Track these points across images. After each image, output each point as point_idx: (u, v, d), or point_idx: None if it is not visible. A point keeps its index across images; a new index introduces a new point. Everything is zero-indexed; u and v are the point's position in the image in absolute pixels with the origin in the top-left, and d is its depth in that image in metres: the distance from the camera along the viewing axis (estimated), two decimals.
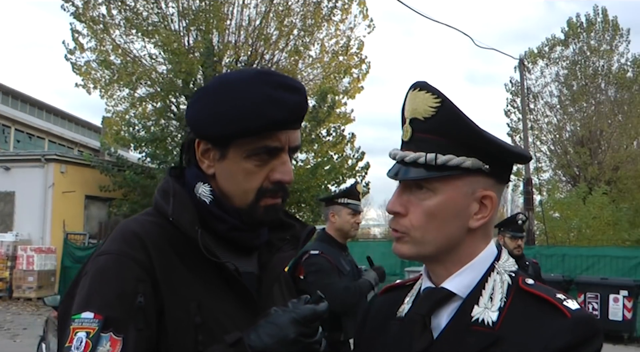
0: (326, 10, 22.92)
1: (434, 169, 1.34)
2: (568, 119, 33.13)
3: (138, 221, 1.59)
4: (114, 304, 1.41)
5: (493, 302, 1.35)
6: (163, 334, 1.46)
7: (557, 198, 26.97)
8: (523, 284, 1.38)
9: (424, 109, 1.35)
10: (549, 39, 33.33)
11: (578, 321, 1.28)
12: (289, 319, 1.46)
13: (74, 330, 1.39)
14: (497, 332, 1.30)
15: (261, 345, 1.42)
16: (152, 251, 1.49)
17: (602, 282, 14.14)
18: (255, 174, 1.56)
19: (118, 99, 23.46)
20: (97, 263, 1.49)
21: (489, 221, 1.40)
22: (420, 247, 1.39)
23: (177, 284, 1.49)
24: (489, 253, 1.42)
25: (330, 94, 21.49)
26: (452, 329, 1.36)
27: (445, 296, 1.39)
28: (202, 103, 1.56)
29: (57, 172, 21.75)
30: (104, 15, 22.30)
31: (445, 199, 1.36)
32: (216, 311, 1.52)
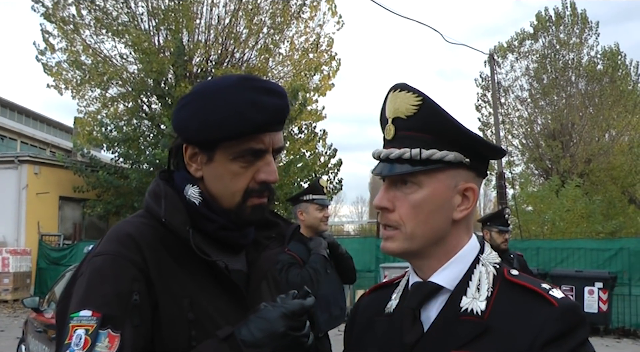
0: (295, 8, 22.96)
1: (418, 163, 1.40)
2: (539, 113, 33.26)
3: (131, 222, 1.66)
4: (112, 302, 1.47)
5: (480, 293, 1.40)
6: (157, 330, 1.52)
7: (530, 192, 27.03)
8: (508, 275, 1.43)
9: (406, 108, 1.41)
10: (518, 33, 33.44)
11: (565, 309, 1.33)
12: (278, 314, 1.52)
13: (73, 327, 1.44)
14: (486, 321, 1.35)
15: (252, 339, 1.49)
16: (145, 251, 1.55)
17: (577, 274, 14.22)
18: (241, 176, 1.63)
19: (90, 99, 23.38)
20: (94, 264, 1.55)
21: (471, 213, 1.47)
22: (409, 242, 1.44)
23: (170, 282, 1.56)
24: (473, 246, 1.48)
25: (302, 92, 21.47)
26: (442, 320, 1.40)
27: (434, 289, 1.43)
28: (188, 109, 1.63)
29: (31, 173, 21.67)
30: (74, 16, 22.20)
31: (430, 192, 1.41)
32: (208, 307, 1.59)
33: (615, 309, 14.29)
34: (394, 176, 1.44)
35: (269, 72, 23.19)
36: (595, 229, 24.11)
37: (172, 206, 1.63)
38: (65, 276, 8.92)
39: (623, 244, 15.55)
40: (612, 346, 12.95)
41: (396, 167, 1.42)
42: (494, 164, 24.45)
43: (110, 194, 21.50)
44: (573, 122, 31.95)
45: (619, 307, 14.43)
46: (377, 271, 16.04)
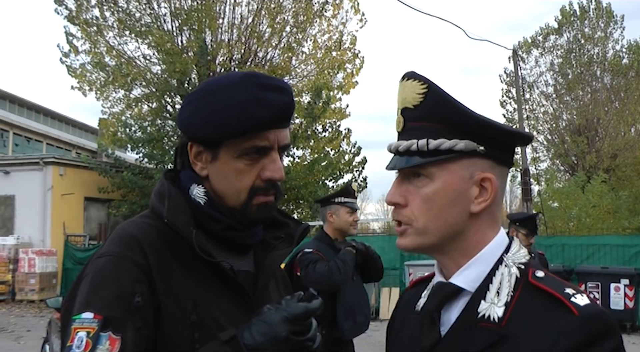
0: (318, 6, 22.96)
1: (427, 154, 1.33)
2: (564, 108, 32.96)
3: (135, 223, 1.64)
4: (113, 305, 1.46)
5: (500, 297, 1.32)
6: (160, 332, 1.50)
7: (556, 188, 26.84)
8: (532, 277, 1.34)
9: (413, 97, 1.36)
10: (542, 28, 33.21)
11: (587, 318, 1.23)
12: (280, 318, 1.48)
13: (75, 330, 1.44)
14: (503, 329, 1.28)
15: (254, 343, 1.46)
16: (149, 252, 1.54)
17: (603, 271, 14.01)
18: (246, 173, 1.61)
19: (114, 100, 23.56)
20: (97, 265, 1.54)
21: (492, 204, 1.37)
22: (422, 237, 1.37)
23: (174, 283, 1.54)
24: (498, 244, 1.39)
25: (325, 90, 21.48)
26: (459, 325, 1.34)
27: (453, 291, 1.37)
28: (192, 107, 1.62)
29: (56, 174, 21.83)
30: (97, 18, 22.37)
31: (443, 184, 1.34)
32: (212, 309, 1.57)
33: None
34: (404, 169, 1.38)
35: (292, 71, 23.24)
36: (621, 225, 23.82)
37: (176, 206, 1.61)
38: None
39: None
40: (639, 344, 12.71)
41: (406, 160, 1.36)
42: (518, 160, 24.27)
43: (135, 195, 21.62)
44: (598, 117, 31.66)
45: None
46: (402, 268, 16.00)
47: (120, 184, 21.49)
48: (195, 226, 1.59)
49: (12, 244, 20.55)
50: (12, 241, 20.76)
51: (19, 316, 17.14)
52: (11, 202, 22.00)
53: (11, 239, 20.84)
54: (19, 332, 14.22)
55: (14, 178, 21.98)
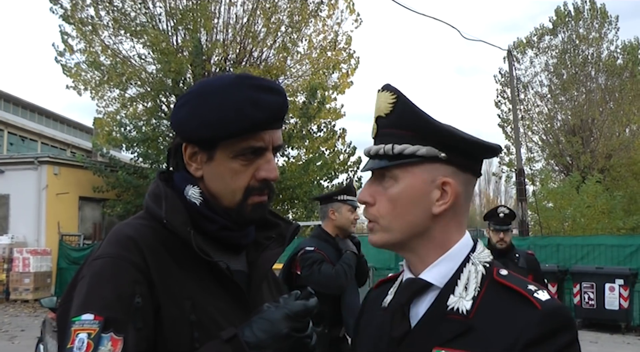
0: (313, 6, 22.95)
1: (393, 158, 1.45)
2: (559, 108, 33.09)
3: (131, 224, 1.65)
4: (114, 306, 1.46)
5: (467, 292, 1.41)
6: (160, 332, 1.51)
7: (550, 188, 26.91)
8: (497, 275, 1.44)
9: (385, 106, 1.47)
10: (537, 29, 33.27)
11: (548, 312, 1.33)
12: (282, 315, 1.52)
13: (75, 331, 1.44)
14: (470, 321, 1.37)
15: (255, 340, 1.49)
16: (146, 253, 1.55)
17: (598, 271, 14.07)
18: (242, 173, 1.63)
19: (109, 99, 23.54)
20: (95, 266, 1.54)
21: (455, 207, 1.47)
22: (388, 234, 1.47)
23: (172, 284, 1.55)
24: (464, 244, 1.49)
25: (320, 90, 21.48)
26: (428, 317, 1.43)
27: (423, 286, 1.46)
28: (187, 108, 1.63)
29: (51, 174, 21.79)
30: (92, 17, 22.31)
31: (406, 185, 1.45)
32: (210, 308, 1.59)
33: (636, 306, 14.12)
34: (375, 171, 1.50)
35: (287, 71, 23.25)
36: (616, 225, 23.91)
37: (173, 207, 1.62)
38: None
39: None
40: (634, 344, 12.82)
41: (375, 163, 1.48)
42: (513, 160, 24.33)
43: (130, 194, 21.60)
44: (593, 117, 31.75)
45: None
46: (396, 268, 16.04)
47: (115, 184, 21.47)
48: (192, 227, 1.60)
49: (7, 244, 20.50)
50: (7, 240, 20.71)
51: (13, 316, 17.12)
52: (5, 202, 21.94)
53: (5, 239, 20.79)
54: (13, 332, 14.20)
55: (9, 177, 21.93)
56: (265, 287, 1.81)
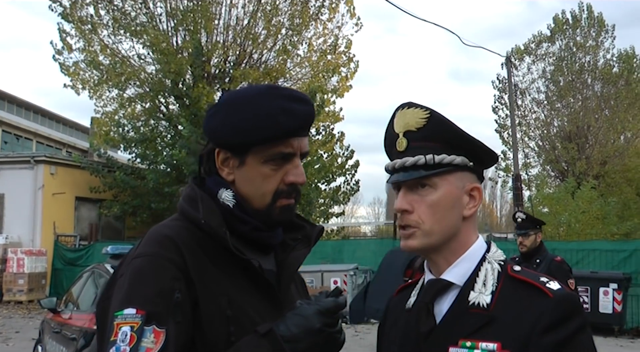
0: (314, 9, 23.04)
1: (431, 168, 1.57)
2: (555, 115, 33.39)
3: (168, 225, 1.73)
4: (155, 301, 1.53)
5: (486, 287, 1.55)
6: (198, 326, 1.59)
7: (546, 193, 27.09)
8: (511, 271, 1.58)
9: (416, 122, 1.59)
10: (535, 36, 33.66)
11: (559, 299, 1.48)
12: (314, 311, 1.60)
13: (118, 325, 1.50)
14: (491, 313, 1.51)
15: (290, 335, 1.55)
16: (184, 251, 1.62)
17: (592, 275, 14.27)
18: (271, 178, 1.71)
19: (107, 99, 23.53)
20: (134, 265, 1.61)
21: (475, 213, 1.64)
22: (428, 238, 1.59)
23: (208, 281, 1.63)
24: (480, 245, 1.64)
25: (319, 93, 21.58)
26: (452, 313, 1.55)
27: (445, 285, 1.59)
28: (221, 116, 1.72)
29: (47, 173, 21.72)
30: (91, 16, 22.30)
31: (444, 192, 1.58)
32: (244, 304, 1.66)
33: (630, 310, 14.40)
34: (410, 181, 1.60)
35: (287, 73, 23.28)
36: (610, 231, 24.19)
37: (209, 209, 1.70)
38: (82, 277, 8.96)
39: (637, 245, 15.75)
40: (627, 346, 13.02)
41: (413, 173, 1.59)
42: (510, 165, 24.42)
43: (127, 195, 21.58)
44: (589, 124, 32.06)
45: (634, 307, 14.56)
46: None
47: (112, 184, 21.43)
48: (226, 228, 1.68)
49: (1, 244, 20.45)
50: (1, 240, 20.67)
51: (7, 317, 16.99)
52: (0, 201, 21.83)
53: (0, 239, 20.67)
54: (7, 333, 14.07)
55: (4, 176, 21.83)
56: (292, 285, 1.88)
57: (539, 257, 6.39)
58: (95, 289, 8.20)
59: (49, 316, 8.84)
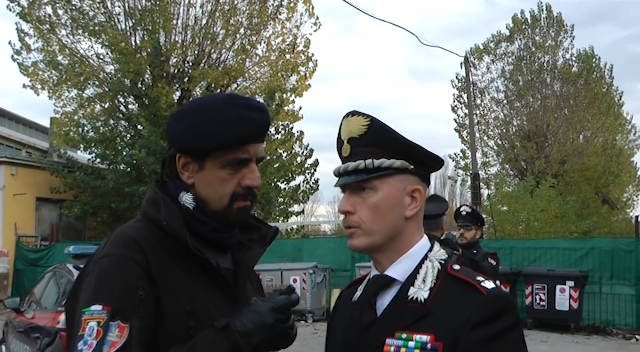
0: (272, 9, 23.11)
1: (372, 171, 1.68)
2: (515, 114, 33.65)
3: (133, 227, 1.85)
4: (120, 298, 1.66)
5: (425, 284, 1.65)
6: (160, 321, 1.72)
7: (505, 192, 27.35)
8: (451, 269, 1.68)
9: (358, 129, 1.70)
10: (494, 35, 33.88)
11: (492, 297, 1.58)
12: (268, 308, 1.74)
13: (86, 320, 1.63)
14: (428, 307, 1.61)
15: (245, 330, 1.70)
16: (147, 252, 1.75)
17: (549, 273, 14.51)
18: (229, 181, 1.85)
19: (66, 99, 23.34)
20: (102, 264, 1.74)
21: (420, 212, 1.75)
22: (370, 237, 1.70)
23: (170, 279, 1.76)
24: (423, 244, 1.75)
25: (278, 92, 21.66)
26: (392, 306, 1.67)
27: (388, 281, 1.70)
28: (182, 123, 1.85)
29: (8, 174, 21.61)
30: (50, 15, 22.16)
31: (384, 194, 1.69)
32: (203, 301, 1.79)
33: (586, 307, 14.58)
34: (353, 184, 1.72)
35: (245, 73, 23.33)
36: (569, 229, 24.46)
37: (170, 212, 1.83)
38: (45, 277, 9.00)
39: (594, 243, 15.85)
40: (583, 343, 13.22)
41: (354, 177, 1.70)
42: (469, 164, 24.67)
43: (87, 195, 21.50)
44: (548, 123, 32.38)
45: (590, 304, 14.72)
46: (352, 269, 16.28)
47: (72, 184, 21.38)
48: (186, 229, 1.82)
49: None
50: None
51: None
52: None
53: None
54: None
55: None
56: (248, 283, 2.01)
57: (475, 249, 6.67)
58: (58, 289, 8.28)
59: (13, 315, 8.89)
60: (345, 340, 1.76)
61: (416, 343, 1.58)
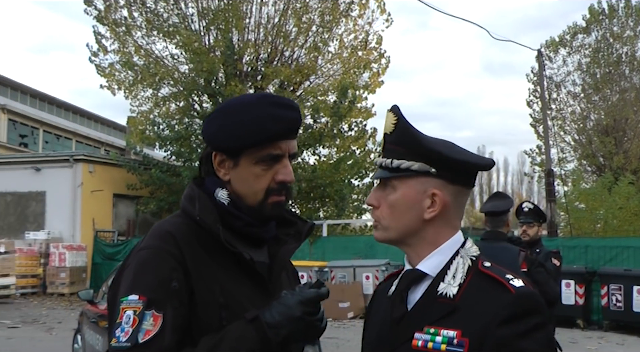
0: (344, 6, 23.11)
1: (392, 171, 1.71)
2: (592, 108, 32.79)
3: (170, 222, 1.92)
4: (155, 289, 1.73)
5: (455, 279, 1.66)
6: (194, 312, 1.78)
7: (582, 189, 26.67)
8: (481, 266, 1.68)
9: (389, 126, 1.74)
10: (570, 27, 33.02)
11: (520, 295, 1.57)
12: (296, 301, 1.77)
13: (123, 309, 1.72)
14: (456, 303, 1.62)
15: (273, 321, 1.74)
16: (182, 245, 1.81)
17: (626, 273, 13.92)
18: (263, 177, 1.89)
19: (142, 99, 23.99)
20: (139, 257, 1.82)
21: (444, 213, 1.71)
22: (386, 232, 1.74)
23: (203, 271, 1.82)
24: (455, 241, 1.73)
25: (351, 89, 21.67)
26: (422, 301, 1.68)
27: (419, 275, 1.71)
28: (217, 122, 1.91)
29: (86, 171, 22.26)
30: (125, 18, 22.77)
31: (401, 194, 1.70)
32: (236, 293, 1.84)
33: None
34: (378, 180, 1.77)
35: (318, 70, 23.42)
36: None
37: (204, 207, 1.88)
38: None
39: None
40: None
41: (379, 173, 1.75)
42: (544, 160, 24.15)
43: (163, 192, 21.94)
44: (627, 117, 31.45)
45: None
46: None
47: (148, 181, 21.87)
48: (220, 223, 1.87)
49: (43, 239, 21.07)
50: (44, 235, 21.28)
51: (50, 309, 17.60)
52: (42, 198, 22.50)
53: (42, 234, 21.35)
54: (50, 323, 14.64)
55: (45, 175, 22.46)
56: (284, 276, 2.06)
57: (538, 248, 6.55)
58: None
59: (87, 307, 9.16)
60: (378, 333, 1.80)
61: (443, 338, 1.60)
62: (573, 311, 14.10)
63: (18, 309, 17.27)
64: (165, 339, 1.69)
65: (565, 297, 13.88)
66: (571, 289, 14.15)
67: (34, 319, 15.35)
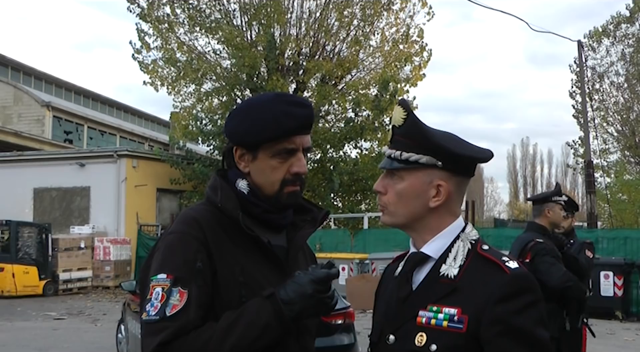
0: (385, 0, 23.11)
1: (401, 162, 1.83)
2: (635, 99, 32.25)
3: (195, 209, 2.11)
4: (181, 268, 1.91)
5: (456, 261, 1.80)
6: (216, 290, 1.96)
7: (625, 180, 26.33)
8: (480, 249, 1.82)
9: (398, 119, 1.85)
10: (613, 17, 32.38)
11: (514, 276, 1.71)
12: (308, 280, 1.94)
13: (153, 286, 1.91)
14: (456, 283, 1.76)
15: (287, 298, 1.91)
16: (206, 230, 1.99)
17: None
18: (279, 169, 2.06)
19: (185, 94, 24.25)
20: (167, 240, 2.00)
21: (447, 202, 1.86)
22: (393, 218, 1.89)
23: (225, 253, 1.99)
24: (456, 226, 1.88)
25: (392, 83, 21.69)
26: (426, 281, 1.83)
27: (423, 257, 1.86)
28: (237, 119, 2.10)
29: (129, 166, 22.65)
30: (168, 15, 23.07)
31: (409, 184, 1.84)
32: (255, 273, 2.02)
33: None
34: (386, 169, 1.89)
35: (359, 64, 23.45)
36: None
37: (226, 195, 2.06)
38: None
39: None
40: None
41: (388, 163, 1.87)
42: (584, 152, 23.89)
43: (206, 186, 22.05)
44: None
45: None
46: None
47: (191, 176, 22.13)
48: (241, 210, 2.05)
49: (88, 233, 21.47)
50: (88, 230, 21.68)
51: (95, 301, 18.10)
52: (87, 193, 22.93)
53: (87, 228, 21.78)
54: (96, 315, 15.12)
55: (89, 170, 22.93)
56: (301, 258, 2.24)
57: (572, 239, 6.57)
58: None
59: (130, 297, 9.35)
60: (386, 310, 1.94)
61: (445, 315, 1.74)
62: (612, 303, 13.95)
63: (64, 301, 17.77)
64: (190, 313, 1.87)
65: (603, 288, 13.87)
66: (610, 281, 14.03)
67: (80, 311, 15.83)
